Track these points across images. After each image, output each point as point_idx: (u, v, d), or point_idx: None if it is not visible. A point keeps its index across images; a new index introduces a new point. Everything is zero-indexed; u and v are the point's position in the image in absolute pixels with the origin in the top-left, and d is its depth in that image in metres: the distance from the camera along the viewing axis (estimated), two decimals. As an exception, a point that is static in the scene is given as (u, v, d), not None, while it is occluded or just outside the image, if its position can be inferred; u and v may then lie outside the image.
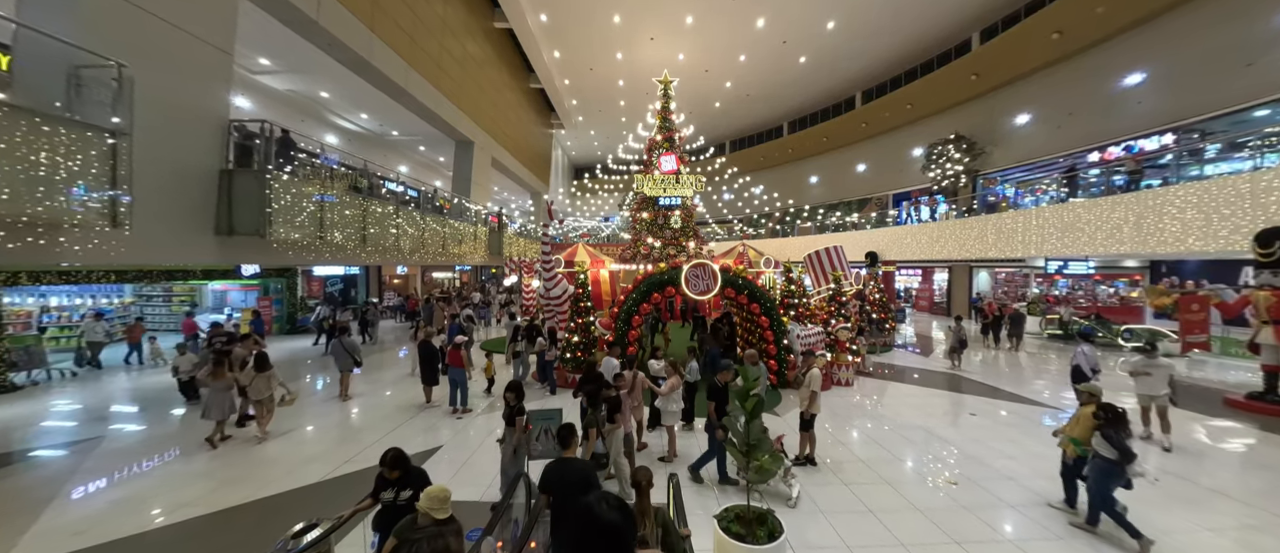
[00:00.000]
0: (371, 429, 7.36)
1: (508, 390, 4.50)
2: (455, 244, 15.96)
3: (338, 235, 9.47)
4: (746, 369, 3.14)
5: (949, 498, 5.09)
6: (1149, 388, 6.41)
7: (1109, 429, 4.13)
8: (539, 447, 4.10)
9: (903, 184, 24.31)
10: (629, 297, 8.78)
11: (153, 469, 5.98)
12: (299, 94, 15.08)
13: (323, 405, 8.61)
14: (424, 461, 5.97)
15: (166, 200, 7.08)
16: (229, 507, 4.95)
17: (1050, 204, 13.33)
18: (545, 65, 24.93)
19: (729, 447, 4.47)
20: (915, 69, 22.86)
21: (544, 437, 4.08)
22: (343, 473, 5.78)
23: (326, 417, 8.06)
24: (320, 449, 6.61)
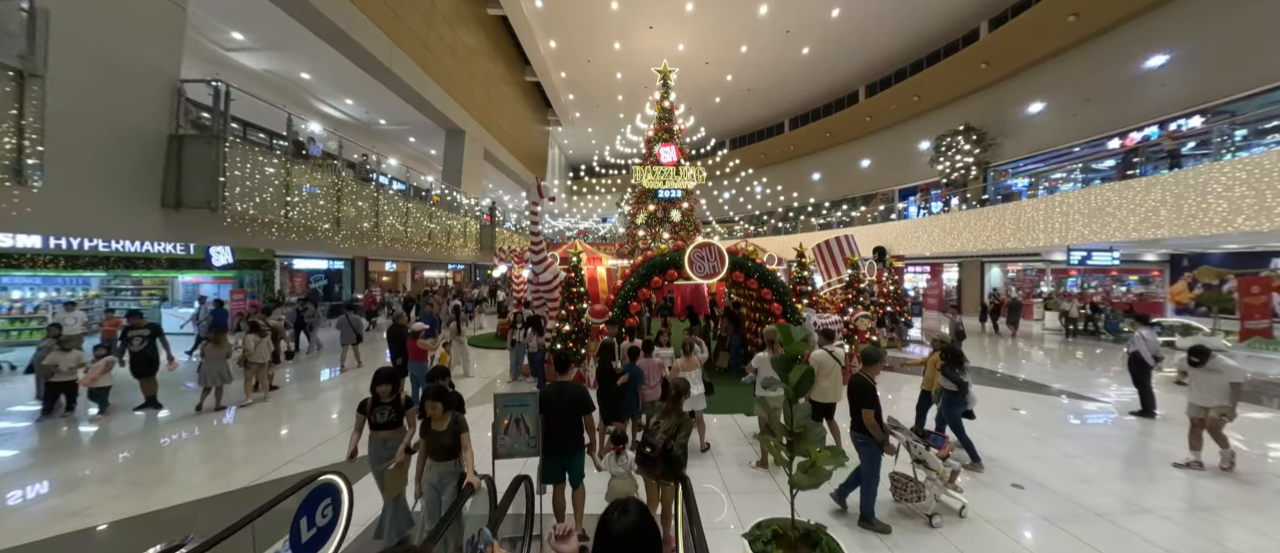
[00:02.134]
0: (307, 434, 6.39)
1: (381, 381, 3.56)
2: (444, 237, 15.10)
3: (307, 213, 8.60)
4: (785, 329, 2.24)
5: (1021, 506, 4.23)
6: (1203, 397, 4.84)
7: (947, 368, 5.01)
8: (507, 441, 3.22)
9: (909, 179, 23.59)
10: (627, 281, 7.92)
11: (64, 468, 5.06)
12: (278, 75, 14.25)
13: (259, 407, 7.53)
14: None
15: (99, 164, 6.20)
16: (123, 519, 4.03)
17: (1079, 189, 12.55)
18: (541, 56, 24.23)
19: (764, 441, 3.60)
20: (921, 60, 22.23)
21: (515, 429, 3.21)
22: (270, 479, 4.81)
23: (259, 419, 7.13)
24: (249, 451, 5.67)
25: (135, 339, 7.06)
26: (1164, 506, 4.24)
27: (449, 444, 3.15)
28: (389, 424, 3.56)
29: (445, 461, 3.16)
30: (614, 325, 6.44)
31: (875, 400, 3.71)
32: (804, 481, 2.10)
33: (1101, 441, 5.79)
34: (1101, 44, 15.30)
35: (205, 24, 11.46)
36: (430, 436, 3.17)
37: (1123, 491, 4.55)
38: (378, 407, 3.55)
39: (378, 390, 3.56)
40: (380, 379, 3.57)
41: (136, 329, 7.15)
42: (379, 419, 3.53)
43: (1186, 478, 4.76)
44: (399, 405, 3.61)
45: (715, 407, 6.80)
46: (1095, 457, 5.31)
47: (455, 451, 3.16)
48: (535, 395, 3.28)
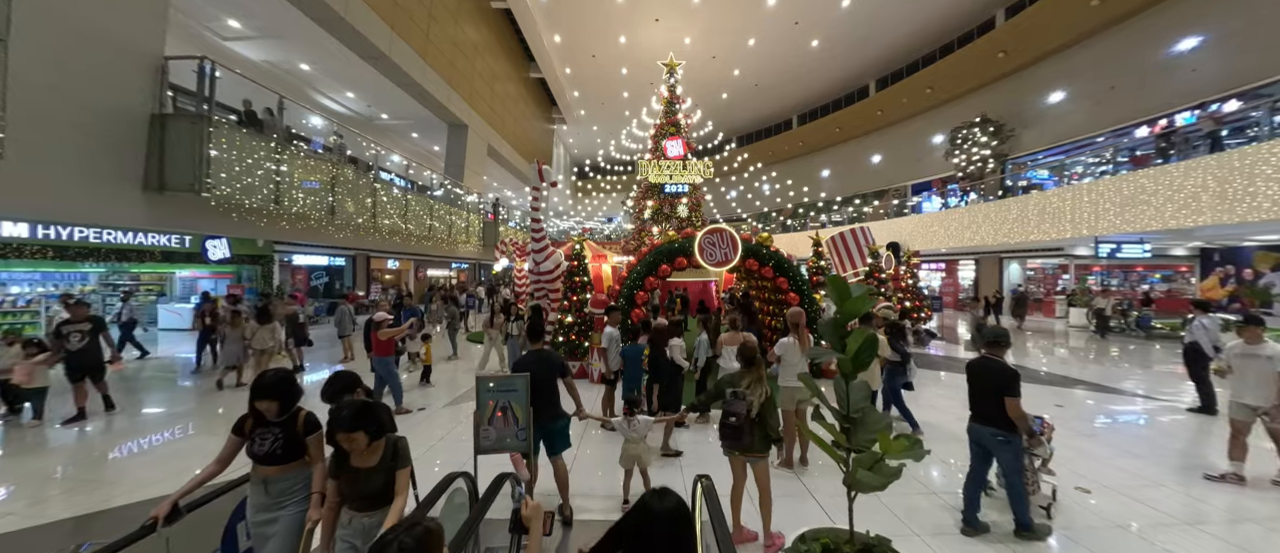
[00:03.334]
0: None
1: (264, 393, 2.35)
2: (445, 232, 14.73)
3: (299, 200, 8.22)
4: (838, 280, 1.72)
5: (1095, 515, 3.69)
6: (1249, 394, 3.98)
7: (893, 340, 5.30)
8: (493, 433, 2.76)
9: (922, 174, 22.98)
10: (633, 269, 7.45)
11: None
12: (276, 66, 13.97)
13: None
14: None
15: (71, 141, 5.84)
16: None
17: (1109, 177, 11.93)
18: (545, 51, 23.90)
19: (803, 430, 3.22)
20: (934, 52, 21.66)
21: (499, 420, 2.74)
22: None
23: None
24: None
25: (73, 335, 5.81)
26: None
27: (380, 487, 2.12)
28: (272, 457, 2.28)
29: (375, 509, 2.14)
30: (617, 313, 5.95)
31: (1020, 387, 3.16)
32: (869, 480, 1.61)
33: (1162, 440, 5.24)
34: (1127, 29, 14.68)
35: (201, 11, 11.18)
36: (349, 475, 2.12)
37: (1204, 495, 4.00)
38: (260, 430, 2.32)
39: (259, 407, 2.30)
40: (262, 390, 2.30)
41: (74, 324, 5.91)
42: (258, 448, 2.28)
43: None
44: (294, 433, 2.33)
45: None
46: (1158, 457, 4.76)
47: (389, 495, 2.12)
48: (526, 380, 2.82)
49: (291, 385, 2.38)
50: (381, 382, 6.18)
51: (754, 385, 3.08)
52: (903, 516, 3.55)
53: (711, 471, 2.85)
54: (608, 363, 5.67)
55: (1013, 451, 3.19)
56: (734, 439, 2.97)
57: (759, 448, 3.02)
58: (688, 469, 4.40)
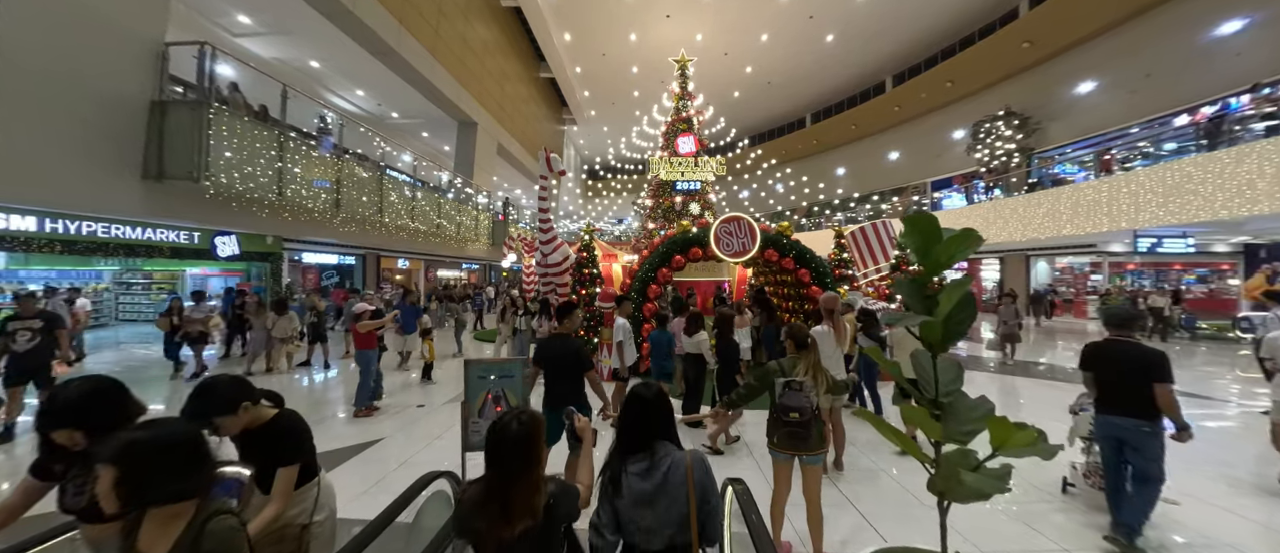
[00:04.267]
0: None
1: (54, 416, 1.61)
2: (454, 230, 14.52)
3: (302, 193, 8.01)
4: (918, 218, 1.26)
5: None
6: None
7: (868, 330, 5.16)
8: (484, 425, 2.38)
9: (941, 170, 22.27)
10: (646, 261, 7.08)
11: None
12: (287, 64, 13.94)
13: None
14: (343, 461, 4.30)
15: (71, 129, 5.67)
16: None
17: (1149, 166, 11.24)
18: (555, 50, 23.76)
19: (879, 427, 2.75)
20: (954, 45, 21.01)
21: (492, 411, 2.37)
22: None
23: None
24: None
25: (21, 334, 4.93)
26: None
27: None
28: (93, 513, 1.53)
29: None
30: (628, 302, 5.58)
31: (1171, 372, 2.74)
32: (975, 486, 1.17)
33: (1241, 445, 4.69)
34: (1164, 14, 13.95)
35: (212, 7, 11.17)
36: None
37: None
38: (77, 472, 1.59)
39: (58, 439, 1.59)
40: (57, 414, 1.58)
41: (23, 320, 5.03)
42: (72, 500, 1.59)
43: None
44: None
45: (754, 403, 5.92)
46: (1241, 463, 4.22)
47: None
48: (521, 363, 2.44)
49: (105, 401, 1.59)
50: (365, 376, 5.73)
51: (815, 374, 2.62)
52: (964, 531, 3.09)
53: (741, 472, 2.45)
54: (622, 358, 5.23)
55: (1159, 443, 2.77)
56: (798, 441, 2.54)
57: (817, 446, 2.60)
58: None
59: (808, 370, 2.62)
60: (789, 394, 2.56)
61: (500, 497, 1.33)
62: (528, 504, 1.33)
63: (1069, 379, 7.31)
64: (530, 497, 1.35)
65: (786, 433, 2.57)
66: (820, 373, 2.63)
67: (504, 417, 1.39)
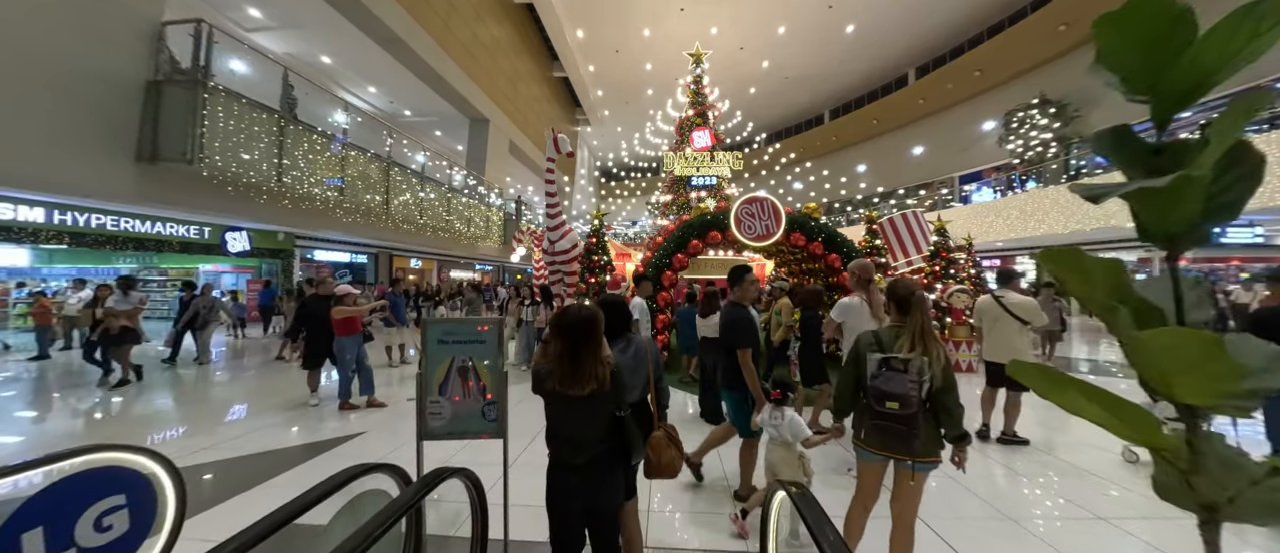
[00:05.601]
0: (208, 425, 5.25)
1: None
2: (464, 227, 14.24)
3: (304, 180, 7.73)
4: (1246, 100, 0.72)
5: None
6: None
7: (807, 309, 4.56)
8: (446, 408, 1.87)
9: (969, 164, 21.23)
10: (661, 246, 6.55)
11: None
12: (298, 59, 13.88)
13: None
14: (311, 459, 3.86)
15: (61, 107, 5.43)
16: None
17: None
18: (568, 48, 23.56)
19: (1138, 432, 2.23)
20: (981, 33, 20.08)
21: (459, 386, 1.86)
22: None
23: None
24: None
25: None
26: None
27: None
28: None
29: None
30: (646, 282, 5.05)
31: None
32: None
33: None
34: (1219, -13, 12.92)
35: (223, 1, 11.13)
36: None
37: None
38: None
39: None
40: None
41: None
42: None
43: None
44: None
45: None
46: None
47: None
48: (496, 328, 1.93)
49: None
50: (344, 366, 5.15)
51: (926, 344, 1.91)
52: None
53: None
54: None
55: None
56: (895, 440, 1.89)
57: (927, 450, 1.91)
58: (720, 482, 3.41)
59: (915, 344, 1.91)
60: (885, 376, 1.88)
61: (571, 362, 1.67)
62: (593, 372, 1.68)
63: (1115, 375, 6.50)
64: (596, 366, 1.69)
65: (877, 428, 1.94)
66: (933, 346, 1.90)
67: (569, 307, 1.73)
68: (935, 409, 1.88)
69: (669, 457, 1.94)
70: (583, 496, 1.72)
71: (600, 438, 1.73)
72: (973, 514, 2.89)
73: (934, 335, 1.96)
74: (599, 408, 1.71)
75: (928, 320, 1.99)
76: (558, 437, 1.74)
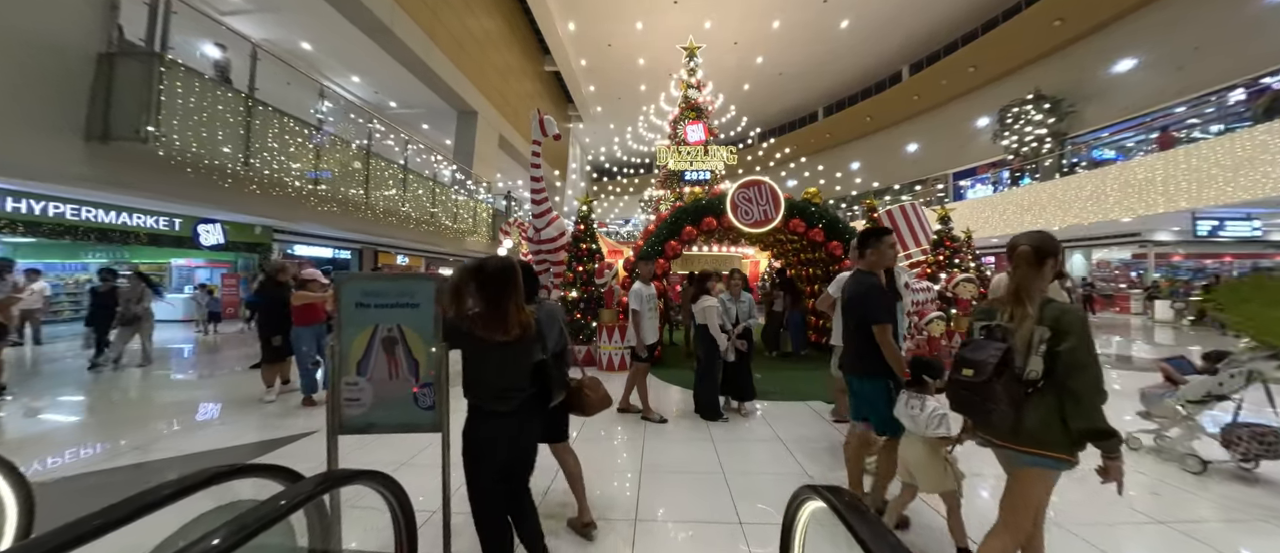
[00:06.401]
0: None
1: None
2: (450, 219, 13.79)
3: (274, 163, 7.27)
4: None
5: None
6: None
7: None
8: (367, 392, 1.51)
9: (964, 160, 21.15)
10: (655, 232, 6.20)
11: None
12: (277, 45, 13.33)
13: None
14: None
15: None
16: None
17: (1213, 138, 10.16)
18: (560, 41, 23.15)
19: None
20: (975, 29, 20.00)
21: (380, 360, 1.49)
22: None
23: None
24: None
25: None
26: None
27: None
28: None
29: None
30: (648, 263, 4.65)
31: None
32: None
33: None
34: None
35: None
36: None
37: None
38: None
39: None
40: None
41: None
42: None
43: None
44: None
45: (783, 392, 4.99)
46: None
47: None
48: (430, 285, 1.56)
49: None
50: (303, 360, 4.70)
51: (1015, 305, 1.62)
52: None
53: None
54: (639, 332, 4.25)
55: None
56: (973, 410, 1.62)
57: (1030, 436, 1.54)
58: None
59: (1021, 317, 1.60)
60: (974, 345, 1.64)
61: (496, 308, 1.74)
62: (518, 318, 1.78)
63: (1129, 368, 6.27)
64: (519, 313, 1.79)
65: (953, 394, 1.69)
66: (1025, 307, 1.59)
67: (485, 259, 1.76)
68: (1048, 391, 1.53)
69: (604, 392, 2.30)
70: (510, 440, 1.76)
71: (525, 382, 1.82)
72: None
73: (1031, 295, 1.60)
74: (524, 353, 1.81)
75: (1027, 277, 1.63)
76: (482, 384, 1.74)
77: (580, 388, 2.24)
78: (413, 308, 1.54)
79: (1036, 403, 1.52)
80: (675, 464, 3.30)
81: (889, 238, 2.55)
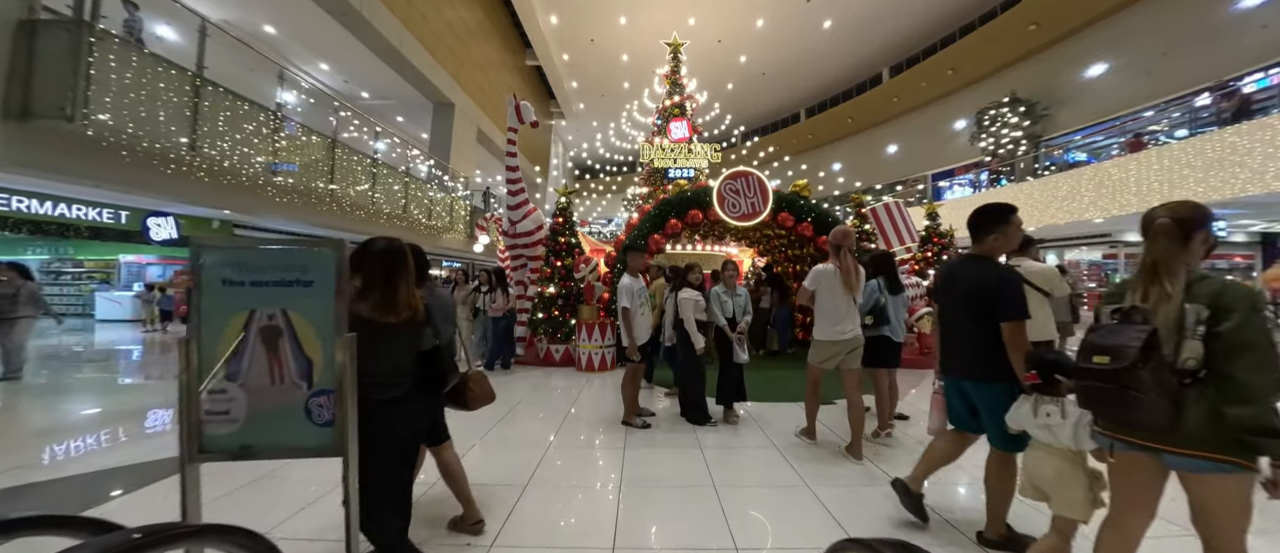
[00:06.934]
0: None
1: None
2: (424, 215, 13.22)
3: (224, 149, 6.70)
4: None
5: None
6: None
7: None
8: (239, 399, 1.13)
9: (942, 162, 21.48)
10: (636, 225, 5.89)
11: None
12: (237, 27, 12.55)
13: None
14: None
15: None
16: None
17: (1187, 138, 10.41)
18: (541, 34, 22.66)
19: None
20: (953, 33, 20.32)
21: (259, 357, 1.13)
22: None
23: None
24: None
25: None
26: None
27: None
28: None
29: None
30: (639, 254, 4.32)
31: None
32: None
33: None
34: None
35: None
36: None
37: None
38: None
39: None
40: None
41: None
42: None
43: None
44: None
45: (771, 394, 4.75)
46: None
47: None
48: (331, 257, 1.21)
49: None
50: None
51: (1150, 283, 1.42)
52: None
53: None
54: (631, 334, 3.88)
55: None
56: (1106, 404, 1.38)
57: (1193, 436, 1.29)
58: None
59: (1159, 297, 1.37)
60: (1106, 330, 1.40)
61: (387, 289, 1.66)
62: (408, 300, 1.72)
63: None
64: (410, 295, 1.73)
65: (1084, 389, 1.44)
66: (1166, 285, 1.36)
67: (373, 239, 1.71)
68: (1209, 384, 1.28)
69: (489, 386, 2.29)
70: (400, 426, 1.72)
71: (413, 368, 1.79)
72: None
73: (1173, 272, 1.36)
74: (413, 338, 1.78)
75: (1168, 253, 1.40)
76: (370, 372, 1.59)
77: (464, 382, 2.19)
78: (305, 288, 1.17)
79: (1196, 397, 1.28)
80: (660, 477, 3.00)
81: (1017, 216, 2.23)
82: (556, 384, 5.39)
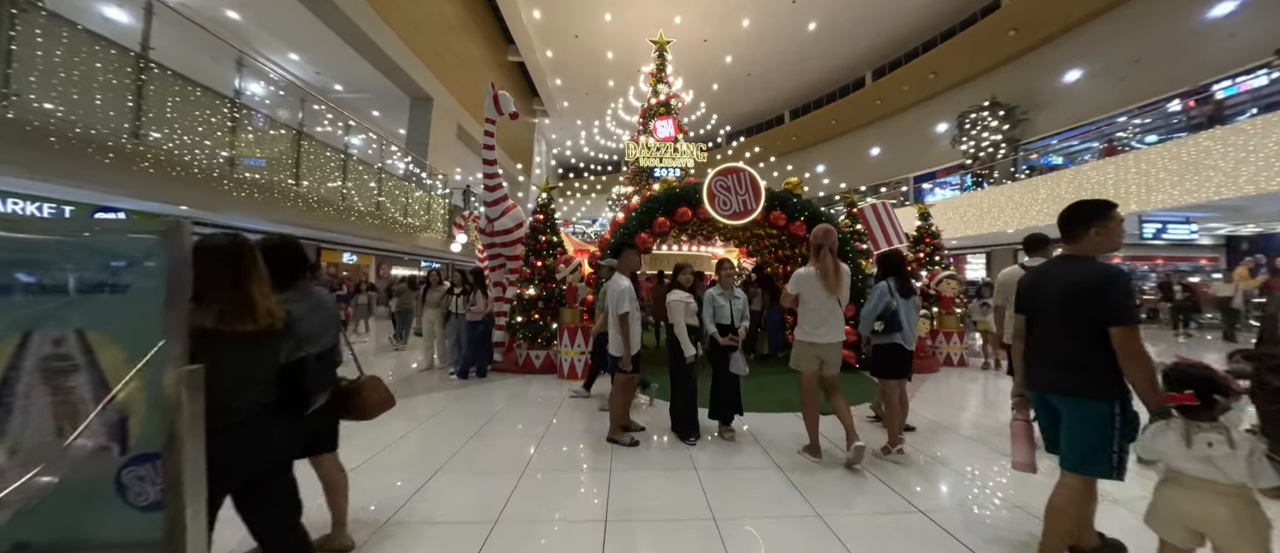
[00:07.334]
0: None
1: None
2: (400, 212, 12.65)
3: (173, 137, 6.14)
4: None
5: None
6: None
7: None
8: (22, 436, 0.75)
9: (924, 164, 21.75)
10: (624, 223, 5.58)
11: None
12: (198, 13, 11.81)
13: None
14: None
15: None
16: None
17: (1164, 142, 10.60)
18: (524, 29, 22.16)
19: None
20: (935, 37, 20.60)
21: (41, 390, 0.75)
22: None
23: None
24: None
25: None
26: None
27: None
28: None
29: None
30: (633, 253, 4.00)
31: None
32: None
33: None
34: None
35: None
36: None
37: None
38: None
39: None
40: None
41: None
42: None
43: None
44: None
45: (765, 403, 4.50)
46: None
47: None
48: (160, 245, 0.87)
49: None
50: None
51: None
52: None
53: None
54: (627, 340, 3.50)
55: None
56: None
57: None
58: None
59: None
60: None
61: (238, 291, 1.43)
62: (266, 306, 1.48)
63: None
64: (267, 300, 1.49)
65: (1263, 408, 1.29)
66: None
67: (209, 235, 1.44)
68: None
69: (386, 392, 2.07)
70: (249, 450, 1.44)
71: (266, 387, 1.52)
72: None
73: None
74: (269, 350, 1.52)
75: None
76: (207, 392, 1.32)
77: (357, 388, 1.97)
78: (115, 295, 0.79)
79: None
80: (652, 509, 2.66)
81: (1118, 211, 1.94)
82: (536, 394, 5.04)
